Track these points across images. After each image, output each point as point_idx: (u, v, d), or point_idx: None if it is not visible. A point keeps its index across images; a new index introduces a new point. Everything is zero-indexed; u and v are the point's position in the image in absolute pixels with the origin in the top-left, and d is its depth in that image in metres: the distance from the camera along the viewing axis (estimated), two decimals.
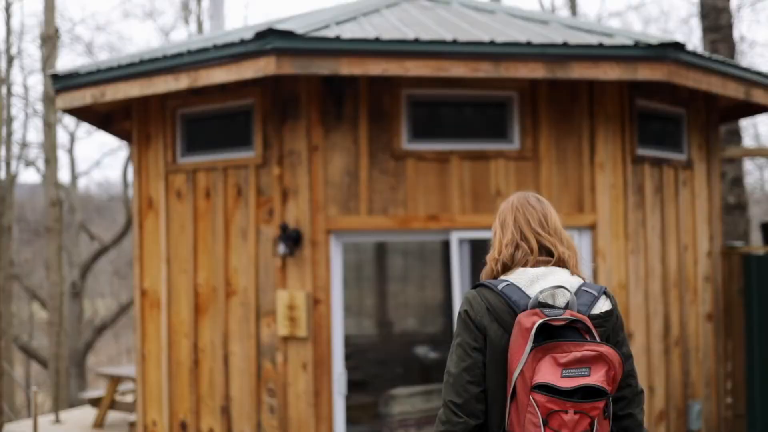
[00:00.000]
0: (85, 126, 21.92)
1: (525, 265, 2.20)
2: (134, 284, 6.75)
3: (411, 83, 5.82)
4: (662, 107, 6.77)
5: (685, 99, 6.97)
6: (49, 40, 11.30)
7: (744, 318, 7.37)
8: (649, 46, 5.56)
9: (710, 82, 6.13)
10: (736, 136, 11.57)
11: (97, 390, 11.74)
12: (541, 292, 2.09)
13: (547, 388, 1.92)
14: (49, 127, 10.90)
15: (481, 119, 6.16)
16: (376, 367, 9.18)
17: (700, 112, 7.19)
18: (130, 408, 8.78)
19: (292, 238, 5.64)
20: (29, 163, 21.81)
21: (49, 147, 11.05)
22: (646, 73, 5.61)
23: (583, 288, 2.22)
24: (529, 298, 2.10)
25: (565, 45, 5.44)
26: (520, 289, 2.12)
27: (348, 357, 6.17)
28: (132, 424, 7.75)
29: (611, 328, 2.21)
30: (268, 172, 5.89)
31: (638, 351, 6.37)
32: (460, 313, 2.20)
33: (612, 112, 6.17)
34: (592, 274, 6.09)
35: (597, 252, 6.09)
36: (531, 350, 1.96)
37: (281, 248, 5.61)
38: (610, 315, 2.21)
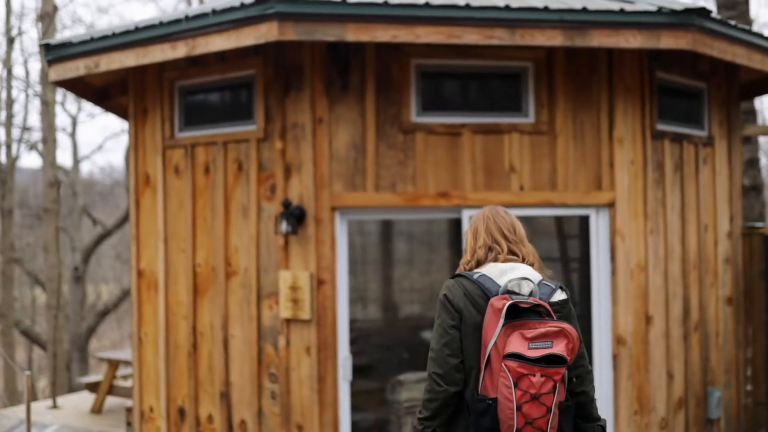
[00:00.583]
0: (85, 109, 21.65)
1: (495, 260, 2.58)
2: (131, 265, 6.48)
3: (421, 52, 5.51)
4: (683, 81, 6.45)
5: (706, 72, 6.65)
6: (47, 16, 10.99)
7: (765, 302, 7.08)
8: (673, 13, 5.24)
9: (735, 53, 5.81)
10: (751, 115, 11.23)
11: (96, 375, 11.51)
12: (509, 281, 2.48)
13: (517, 356, 2.30)
14: (47, 106, 10.61)
15: (494, 91, 5.86)
16: (381, 353, 8.93)
17: (721, 87, 6.87)
18: (128, 393, 8.55)
19: (295, 216, 5.36)
20: (31, 147, 21.52)
21: (47, 126, 10.76)
22: (669, 41, 5.29)
23: (543, 282, 2.58)
24: (500, 286, 2.48)
25: (584, 10, 5.12)
26: (491, 279, 2.51)
27: (352, 342, 5.91)
28: (129, 410, 7.50)
29: (566, 314, 2.56)
30: (270, 146, 5.60)
31: (657, 335, 6.09)
32: (440, 298, 2.56)
33: (632, 85, 5.86)
34: (610, 254, 5.81)
35: (615, 231, 5.80)
36: (503, 326, 2.35)
37: (284, 226, 5.33)
38: (566, 303, 2.57)
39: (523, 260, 2.61)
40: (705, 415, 6.60)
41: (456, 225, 5.65)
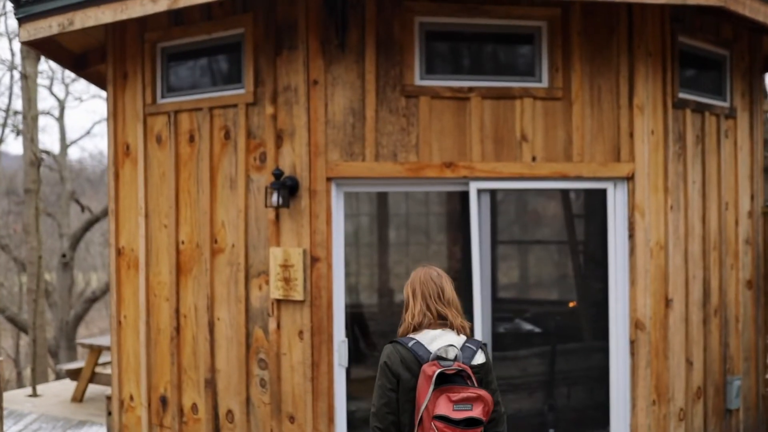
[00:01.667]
0: (73, 91, 21.00)
1: (429, 327, 2.98)
2: (109, 242, 6.00)
3: (426, 9, 5.04)
4: (705, 47, 6.00)
5: (729, 39, 6.20)
6: None
7: None
8: None
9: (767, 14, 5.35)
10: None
11: (78, 362, 11.03)
12: (438, 348, 2.90)
13: (444, 418, 2.73)
14: (27, 79, 10.08)
15: (505, 53, 5.39)
16: (377, 339, 8.48)
17: (744, 56, 6.42)
18: (111, 381, 8.07)
19: (287, 187, 4.90)
20: (18, 132, 20.92)
21: (27, 101, 10.23)
22: None
23: (466, 344, 2.99)
24: (430, 353, 2.89)
25: None
26: (423, 345, 2.92)
27: (347, 327, 5.45)
28: (110, 398, 7.04)
29: (484, 374, 3.00)
30: (260, 111, 5.13)
31: (676, 320, 5.66)
32: (380, 364, 2.97)
33: (653, 48, 5.40)
34: (628, 232, 5.36)
35: (635, 207, 5.35)
36: (432, 391, 2.78)
37: (275, 198, 4.87)
38: (484, 365, 3.00)
39: (451, 325, 3.01)
40: (724, 405, 6.18)
41: (463, 200, 5.18)
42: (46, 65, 24.09)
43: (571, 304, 6.55)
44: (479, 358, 2.95)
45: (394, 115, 5.03)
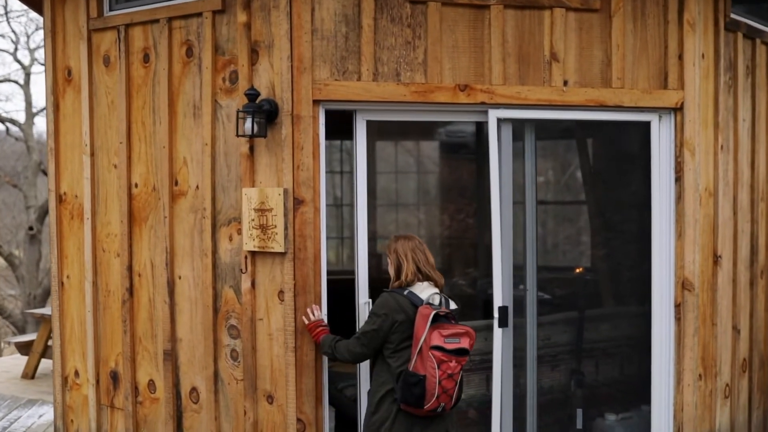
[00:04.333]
0: (40, 57, 19.60)
1: (420, 281, 3.64)
2: (49, 187, 4.99)
3: None
4: None
5: None
6: None
7: None
8: None
9: None
10: None
11: (30, 334, 10.00)
12: (429, 296, 3.58)
13: (439, 348, 3.41)
14: None
15: None
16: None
17: None
18: None
19: (263, 112, 3.92)
20: None
21: None
22: None
23: (443, 296, 3.63)
24: (422, 299, 3.56)
25: None
26: (416, 294, 3.59)
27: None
28: None
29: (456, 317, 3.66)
30: (230, 20, 4.13)
31: (724, 281, 4.81)
32: (377, 304, 3.62)
33: None
34: (675, 174, 4.47)
35: (683, 144, 4.45)
36: (429, 327, 3.43)
37: (248, 125, 3.89)
38: (456, 309, 3.62)
39: (435, 284, 3.66)
40: None
41: (478, 131, 4.24)
42: (8, 27, 22.71)
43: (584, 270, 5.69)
44: (453, 305, 3.59)
45: (397, 25, 4.06)
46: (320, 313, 3.98)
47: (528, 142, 4.46)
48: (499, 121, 4.19)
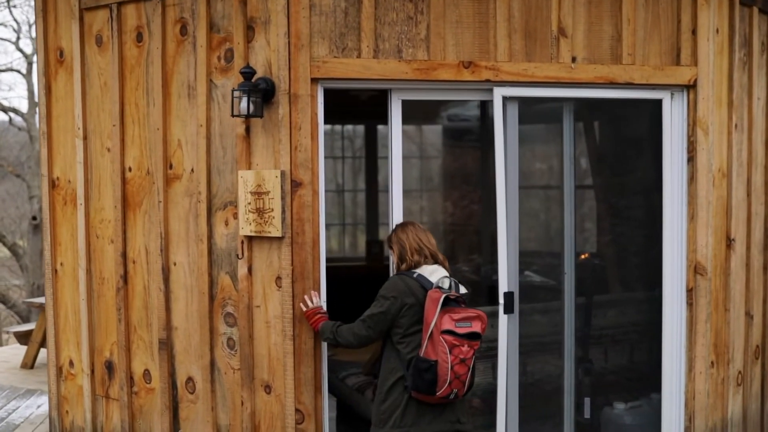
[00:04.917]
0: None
1: (426, 263, 3.57)
2: (41, 173, 4.85)
3: None
4: None
5: None
6: None
7: None
8: None
9: None
10: None
11: (29, 324, 9.90)
12: (438, 279, 3.49)
13: (450, 332, 3.33)
14: None
15: None
16: (366, 295, 7.42)
17: None
18: None
19: (260, 90, 3.77)
20: None
21: None
22: None
23: (453, 280, 3.55)
24: (432, 283, 3.47)
25: None
26: (425, 277, 3.50)
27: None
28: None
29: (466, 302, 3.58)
30: None
31: (737, 265, 4.66)
32: (386, 287, 3.53)
33: None
34: (688, 154, 4.31)
35: (696, 122, 4.29)
36: (440, 311, 3.34)
37: (244, 105, 3.74)
38: (465, 294, 3.54)
39: (441, 265, 3.60)
40: None
41: (483, 111, 4.08)
42: (10, 16, 22.55)
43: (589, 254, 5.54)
44: (462, 289, 3.53)
45: (399, 0, 3.90)
46: (319, 299, 3.83)
47: (566, 123, 4.31)
48: (505, 99, 4.03)
